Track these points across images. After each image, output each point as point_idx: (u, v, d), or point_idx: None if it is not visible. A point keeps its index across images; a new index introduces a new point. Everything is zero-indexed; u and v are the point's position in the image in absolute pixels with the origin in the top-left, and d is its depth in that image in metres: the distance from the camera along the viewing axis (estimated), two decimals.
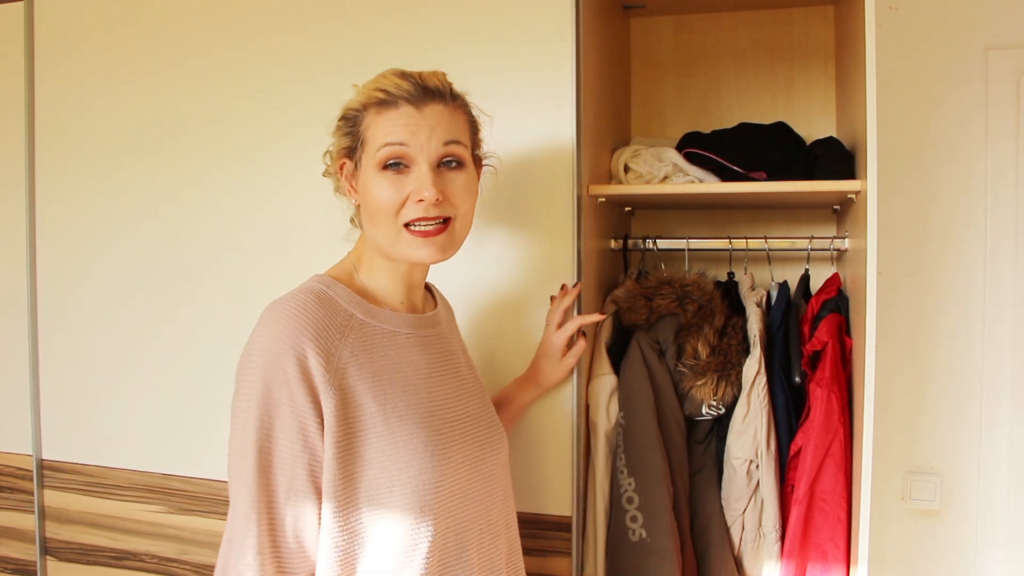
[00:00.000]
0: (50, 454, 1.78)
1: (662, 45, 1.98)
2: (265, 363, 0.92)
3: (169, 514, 1.69)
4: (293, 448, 0.92)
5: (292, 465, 0.92)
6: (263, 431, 0.91)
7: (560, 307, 1.39)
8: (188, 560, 1.68)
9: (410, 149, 0.99)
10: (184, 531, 1.68)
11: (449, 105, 1.03)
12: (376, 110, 1.00)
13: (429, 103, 1.00)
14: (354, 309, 1.01)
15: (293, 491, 0.92)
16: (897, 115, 1.83)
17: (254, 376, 0.92)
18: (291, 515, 0.92)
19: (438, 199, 0.99)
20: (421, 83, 1.01)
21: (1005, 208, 1.80)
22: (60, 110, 1.76)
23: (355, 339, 0.98)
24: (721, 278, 1.70)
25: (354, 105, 1.04)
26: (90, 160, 1.73)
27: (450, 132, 1.02)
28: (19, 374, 1.80)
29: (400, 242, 1.01)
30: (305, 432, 0.92)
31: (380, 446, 0.95)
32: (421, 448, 0.98)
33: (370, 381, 0.97)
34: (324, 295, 0.99)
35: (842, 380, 1.46)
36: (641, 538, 1.41)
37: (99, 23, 1.72)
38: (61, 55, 1.75)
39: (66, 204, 1.76)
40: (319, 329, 0.94)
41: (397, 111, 0.99)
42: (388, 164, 1.00)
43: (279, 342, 0.92)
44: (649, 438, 1.44)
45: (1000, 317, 1.81)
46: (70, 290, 1.77)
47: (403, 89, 0.99)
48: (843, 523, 1.41)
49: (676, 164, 1.63)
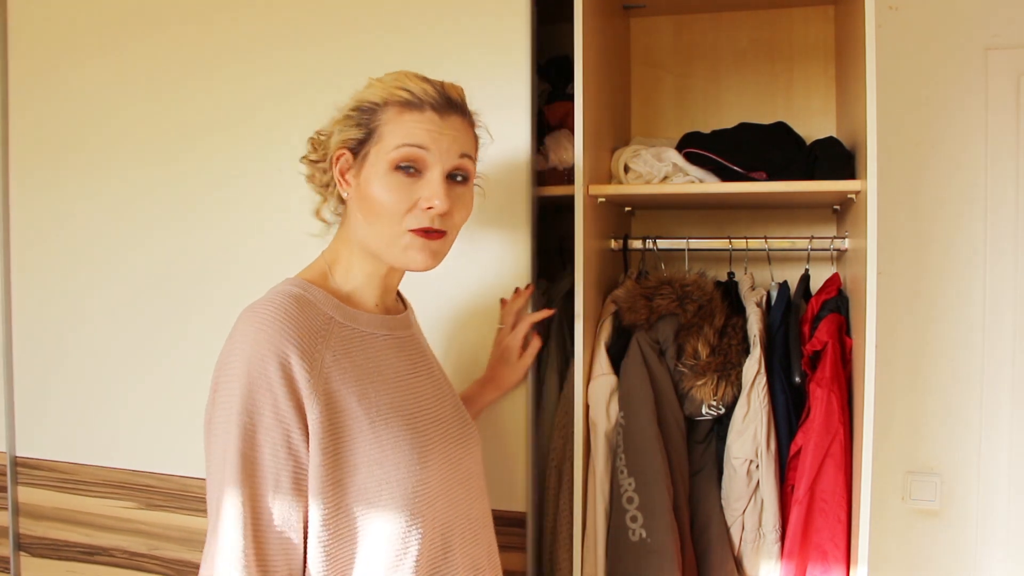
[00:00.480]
0: (23, 451, 1.80)
1: (662, 45, 1.98)
2: (247, 368, 0.90)
3: (139, 510, 1.71)
4: (277, 455, 0.90)
5: (276, 473, 0.90)
6: (246, 438, 0.89)
7: (512, 309, 1.42)
8: (159, 555, 1.70)
9: (429, 154, 0.98)
10: (155, 527, 1.70)
11: (465, 119, 1.04)
12: (398, 108, 0.99)
13: (451, 114, 1.01)
14: (333, 312, 0.99)
15: (278, 499, 0.90)
16: (897, 115, 1.83)
17: (236, 382, 0.90)
18: (276, 523, 0.90)
19: (446, 211, 0.99)
20: (444, 92, 1.01)
21: (1005, 208, 1.80)
22: (35, 112, 1.78)
23: (336, 342, 0.97)
24: (721, 278, 1.70)
25: (373, 98, 1.01)
26: (65, 162, 1.76)
27: (465, 145, 1.02)
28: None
29: (398, 245, 1.00)
30: (289, 439, 0.91)
31: (367, 451, 0.94)
32: (408, 450, 0.97)
33: (354, 385, 0.96)
34: (303, 298, 0.97)
35: (842, 380, 1.46)
36: (641, 538, 1.41)
37: (76, 23, 1.74)
38: (37, 56, 1.77)
39: (40, 203, 1.78)
40: (301, 333, 0.93)
41: (422, 114, 0.98)
42: (401, 166, 0.98)
43: (261, 347, 0.90)
44: (649, 438, 1.44)
45: (1000, 317, 1.81)
46: (43, 288, 1.79)
47: (429, 94, 0.99)
48: (843, 523, 1.41)
49: (676, 164, 1.63)
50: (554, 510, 1.58)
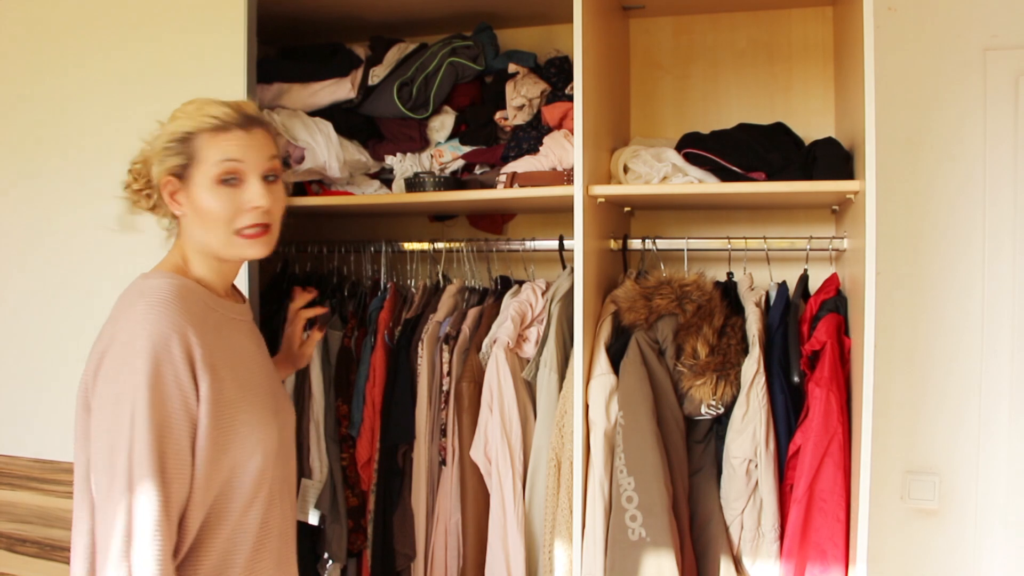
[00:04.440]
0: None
1: (661, 46, 1.99)
2: (152, 345, 1.04)
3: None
4: (179, 417, 1.06)
5: (179, 432, 1.05)
6: (155, 405, 1.03)
7: (295, 307, 1.62)
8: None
9: (244, 165, 1.17)
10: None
11: (265, 128, 1.22)
12: (210, 133, 1.16)
13: (253, 127, 1.19)
14: (206, 299, 1.18)
15: (181, 459, 1.05)
16: (895, 115, 1.83)
17: (140, 358, 1.04)
18: (179, 471, 1.05)
19: (268, 208, 1.18)
20: (242, 111, 1.19)
21: (1003, 208, 1.80)
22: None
23: (213, 324, 1.16)
24: (720, 278, 1.71)
25: (185, 128, 1.17)
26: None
27: (270, 149, 1.21)
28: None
29: (234, 244, 1.18)
30: (187, 404, 1.06)
31: (243, 418, 1.13)
32: (270, 418, 1.19)
33: (227, 360, 1.14)
34: (187, 285, 1.15)
35: (841, 380, 1.46)
36: (640, 537, 1.41)
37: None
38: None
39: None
40: (193, 314, 1.11)
41: (230, 133, 1.17)
42: (224, 179, 1.16)
43: (163, 326, 1.06)
44: (648, 437, 1.45)
45: (998, 317, 1.81)
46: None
47: (231, 116, 1.17)
48: (842, 522, 1.42)
49: (675, 164, 1.63)
50: (553, 509, 1.58)
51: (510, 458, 1.62)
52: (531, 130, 1.79)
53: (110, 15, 1.80)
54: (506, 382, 1.64)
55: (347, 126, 1.90)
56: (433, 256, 2.00)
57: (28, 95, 1.88)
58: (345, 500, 1.81)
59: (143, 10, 1.78)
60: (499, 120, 1.85)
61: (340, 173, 1.85)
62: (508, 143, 1.81)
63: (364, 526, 1.81)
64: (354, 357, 1.87)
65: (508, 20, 1.98)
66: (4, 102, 1.90)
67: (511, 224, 2.14)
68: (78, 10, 1.83)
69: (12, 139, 1.90)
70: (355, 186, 1.93)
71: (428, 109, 1.84)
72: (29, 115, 1.88)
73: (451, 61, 1.82)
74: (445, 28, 2.00)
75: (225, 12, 1.68)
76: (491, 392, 1.65)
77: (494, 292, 1.89)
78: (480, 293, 1.91)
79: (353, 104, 1.91)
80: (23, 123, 1.89)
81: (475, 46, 1.85)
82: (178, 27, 1.74)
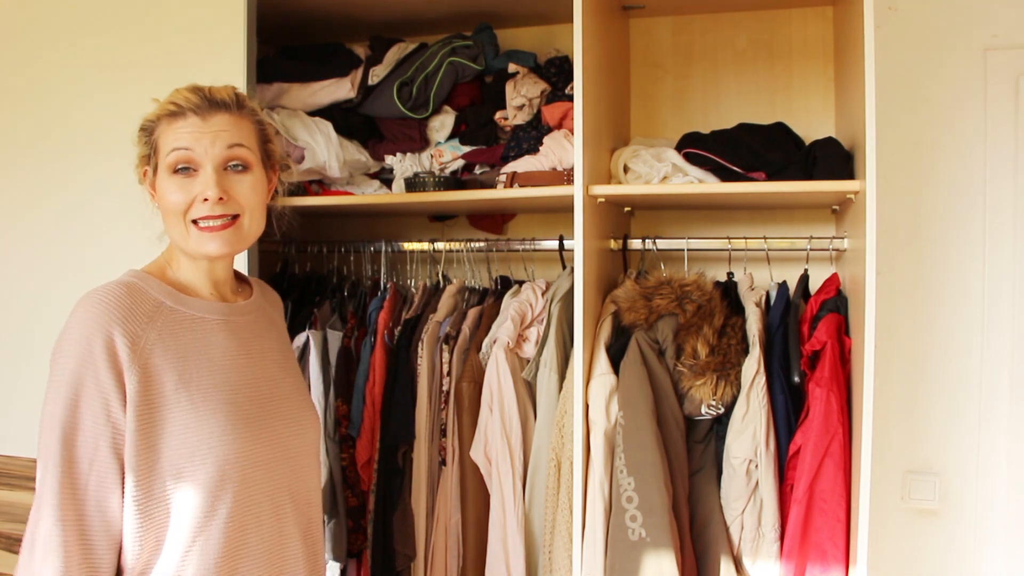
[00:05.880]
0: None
1: (661, 45, 1.99)
2: (75, 345, 1.03)
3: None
4: (97, 422, 1.02)
5: (96, 438, 1.02)
6: (69, 408, 1.01)
7: None
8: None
9: (195, 154, 1.11)
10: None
11: (235, 114, 1.16)
12: (168, 120, 1.13)
13: (215, 113, 1.13)
14: (164, 297, 1.12)
15: (96, 463, 1.02)
16: (896, 115, 1.83)
17: (65, 359, 1.03)
18: (94, 485, 1.01)
19: (221, 198, 1.11)
20: (209, 96, 1.14)
21: (1003, 208, 1.80)
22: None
23: (163, 323, 1.10)
24: (720, 278, 1.71)
25: (150, 117, 1.16)
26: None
27: (234, 137, 1.14)
28: None
29: (190, 238, 1.13)
30: (108, 407, 1.02)
31: (183, 420, 1.06)
32: (223, 421, 1.09)
33: (175, 360, 1.08)
34: (134, 285, 1.11)
35: (841, 380, 1.46)
36: (640, 537, 1.41)
37: None
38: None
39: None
40: (126, 314, 1.06)
41: (185, 120, 1.12)
42: (178, 168, 1.12)
43: (89, 327, 1.03)
44: (648, 438, 1.45)
45: (999, 317, 1.81)
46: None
47: (191, 102, 1.13)
48: (842, 522, 1.42)
49: (675, 164, 1.63)
50: (553, 509, 1.58)
51: (510, 458, 1.62)
52: (531, 130, 1.79)
53: (110, 15, 1.80)
54: (506, 382, 1.64)
55: (347, 126, 1.90)
56: (433, 256, 2.00)
57: (27, 95, 1.88)
58: (345, 500, 1.81)
59: (143, 10, 1.78)
60: (499, 120, 1.85)
61: (340, 173, 1.85)
62: (508, 143, 1.81)
63: (364, 526, 1.81)
64: (354, 357, 1.87)
65: (508, 20, 1.98)
66: (3, 102, 1.90)
67: (511, 224, 2.14)
68: (78, 10, 1.83)
69: (12, 139, 1.90)
70: (355, 186, 1.93)
71: (428, 109, 1.84)
72: (27, 115, 1.88)
73: (451, 61, 1.82)
74: (445, 28, 2.00)
75: (225, 12, 1.69)
76: (491, 392, 1.65)
77: (494, 292, 1.89)
78: (480, 293, 1.91)
79: (353, 104, 1.91)
80: (22, 123, 1.89)
81: (475, 46, 1.85)
82: (178, 27, 1.74)
